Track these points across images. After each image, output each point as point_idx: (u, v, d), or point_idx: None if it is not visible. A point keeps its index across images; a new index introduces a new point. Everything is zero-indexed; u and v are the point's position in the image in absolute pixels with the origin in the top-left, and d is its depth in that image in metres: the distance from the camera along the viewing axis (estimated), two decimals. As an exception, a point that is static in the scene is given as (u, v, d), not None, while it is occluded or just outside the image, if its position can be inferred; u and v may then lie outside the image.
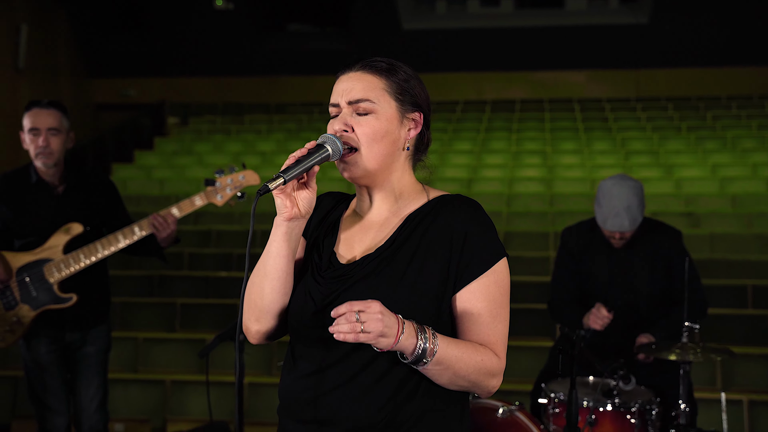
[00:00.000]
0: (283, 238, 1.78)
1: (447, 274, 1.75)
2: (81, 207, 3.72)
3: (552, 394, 3.44)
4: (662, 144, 11.54)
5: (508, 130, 12.72)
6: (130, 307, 6.76)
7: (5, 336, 3.60)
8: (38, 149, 3.62)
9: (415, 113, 1.85)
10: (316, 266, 1.83)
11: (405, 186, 1.86)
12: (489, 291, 1.76)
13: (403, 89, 1.84)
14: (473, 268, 1.75)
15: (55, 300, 3.59)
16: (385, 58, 1.88)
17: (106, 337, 3.83)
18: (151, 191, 10.47)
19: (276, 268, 1.78)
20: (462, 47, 14.71)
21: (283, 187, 1.73)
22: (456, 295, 1.76)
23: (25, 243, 3.65)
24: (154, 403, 5.47)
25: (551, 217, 8.90)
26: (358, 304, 1.59)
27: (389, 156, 1.80)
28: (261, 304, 1.81)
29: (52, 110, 3.66)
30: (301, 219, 1.78)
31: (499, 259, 1.77)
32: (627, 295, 3.78)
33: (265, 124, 13.71)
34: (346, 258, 1.82)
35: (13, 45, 12.67)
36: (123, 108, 15.28)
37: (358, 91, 1.80)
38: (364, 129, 1.77)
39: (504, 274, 1.78)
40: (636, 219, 3.67)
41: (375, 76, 1.83)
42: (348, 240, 1.86)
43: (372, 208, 1.87)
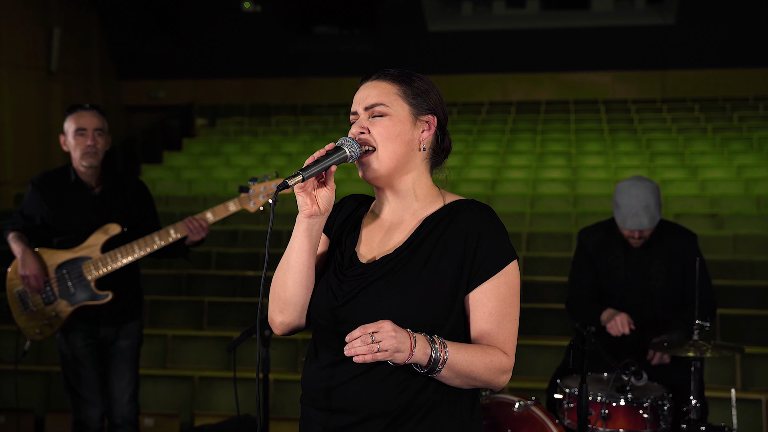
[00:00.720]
0: (305, 234, 1.92)
1: (460, 275, 1.87)
2: (116, 208, 3.89)
3: (567, 389, 3.53)
4: (687, 145, 11.52)
5: (533, 131, 12.75)
6: (160, 306, 6.93)
7: (43, 329, 3.79)
8: (86, 149, 3.79)
9: (429, 116, 1.97)
10: (338, 264, 1.97)
11: (422, 188, 1.98)
12: (500, 291, 1.88)
13: (416, 94, 1.97)
14: (485, 270, 1.87)
15: (92, 297, 3.77)
16: (401, 69, 2.02)
17: (138, 333, 4.01)
18: (179, 192, 10.65)
19: (298, 262, 1.93)
20: (487, 49, 14.76)
21: (304, 186, 1.88)
22: (468, 295, 1.88)
23: (63, 240, 3.83)
24: (183, 398, 5.62)
25: (575, 218, 8.94)
26: (371, 326, 1.73)
27: (404, 156, 1.93)
28: (284, 296, 1.95)
29: (95, 112, 3.85)
30: (320, 216, 1.92)
31: (510, 261, 1.89)
32: (643, 294, 3.87)
33: (291, 125, 13.85)
34: (366, 257, 1.96)
35: (45, 48, 12.92)
36: (152, 110, 15.52)
37: (373, 97, 1.95)
38: (379, 129, 1.92)
39: (514, 276, 1.90)
40: (655, 217, 3.75)
41: (389, 83, 1.97)
42: (368, 240, 1.99)
43: (391, 209, 1.99)
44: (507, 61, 14.83)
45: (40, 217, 3.88)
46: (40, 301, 3.78)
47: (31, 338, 3.83)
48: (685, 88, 14.44)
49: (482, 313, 1.88)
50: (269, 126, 13.92)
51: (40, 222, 3.88)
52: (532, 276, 7.44)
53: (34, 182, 3.92)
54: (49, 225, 3.87)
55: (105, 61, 15.09)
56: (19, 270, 3.72)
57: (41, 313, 3.77)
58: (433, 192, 2.00)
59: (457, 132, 12.81)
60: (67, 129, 3.84)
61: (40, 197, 3.87)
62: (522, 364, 5.80)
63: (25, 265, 3.70)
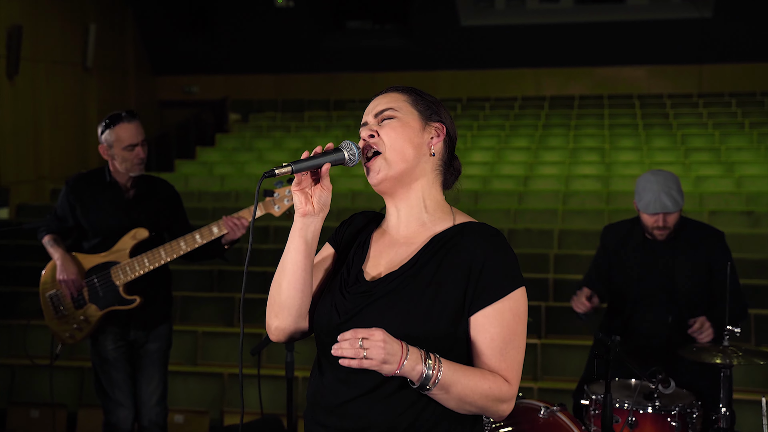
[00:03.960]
0: (299, 234, 1.90)
1: (464, 298, 1.82)
2: (148, 213, 3.93)
3: (594, 396, 3.49)
4: (724, 141, 11.34)
5: (566, 126, 12.63)
6: (191, 302, 6.99)
7: (74, 333, 3.84)
8: (137, 161, 3.82)
9: (438, 124, 1.96)
10: (343, 281, 1.94)
11: (432, 200, 1.95)
12: (503, 317, 1.82)
13: (425, 104, 1.97)
14: (489, 293, 1.82)
15: (121, 301, 3.81)
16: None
17: (167, 336, 4.05)
18: (212, 187, 10.72)
19: (293, 263, 1.90)
20: (521, 43, 14.64)
21: (300, 183, 1.88)
22: (471, 319, 1.83)
23: (94, 245, 3.88)
24: (213, 395, 5.66)
25: (608, 215, 8.85)
26: (363, 331, 1.70)
27: (413, 158, 1.91)
28: (279, 300, 1.93)
29: (137, 121, 3.86)
30: (315, 216, 1.91)
31: (517, 287, 1.84)
32: (665, 294, 3.81)
33: (324, 120, 13.87)
34: (371, 275, 1.93)
35: (81, 44, 13.06)
36: (186, 105, 15.63)
37: (382, 105, 1.96)
38: (386, 130, 1.91)
39: (521, 303, 1.84)
40: (677, 201, 3.70)
41: (398, 93, 1.99)
42: (375, 257, 1.96)
43: (399, 222, 1.96)
44: (540, 55, 14.70)
45: (72, 219, 3.92)
46: (70, 305, 3.83)
47: (62, 341, 3.89)
48: (722, 83, 14.22)
49: (484, 339, 1.83)
50: (302, 121, 13.95)
51: (72, 223, 3.93)
52: (564, 274, 7.38)
53: (69, 183, 3.97)
54: (81, 227, 3.91)
55: (140, 56, 15.23)
56: (58, 275, 3.78)
57: (72, 317, 3.83)
58: (443, 208, 1.97)
59: (489, 127, 12.74)
60: (110, 141, 3.83)
61: (74, 198, 3.91)
62: (551, 365, 5.77)
63: (65, 270, 3.75)
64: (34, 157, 11.82)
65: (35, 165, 11.82)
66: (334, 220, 8.62)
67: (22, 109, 11.51)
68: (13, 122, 11.31)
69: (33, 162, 11.79)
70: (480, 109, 13.90)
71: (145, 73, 15.43)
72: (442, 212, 1.96)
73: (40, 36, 11.93)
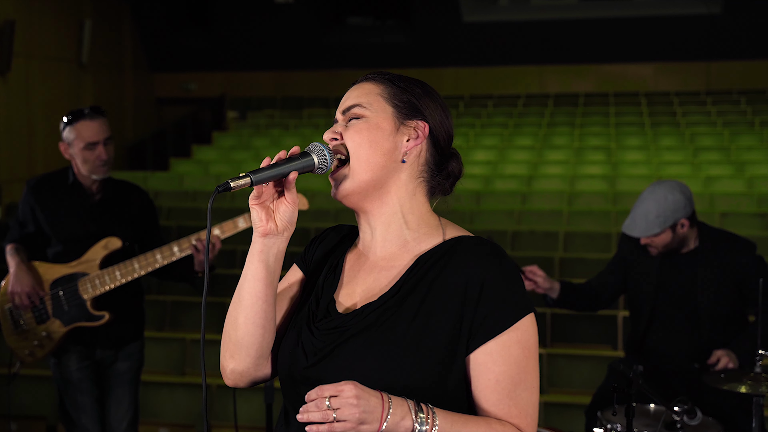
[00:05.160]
0: (259, 257, 1.57)
1: (459, 331, 1.49)
2: (116, 218, 3.60)
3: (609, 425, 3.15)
4: (734, 140, 11.06)
5: (571, 125, 12.37)
6: (180, 307, 6.70)
7: (34, 350, 3.51)
8: (99, 162, 3.49)
9: (418, 122, 1.61)
10: (312, 313, 1.61)
11: (414, 214, 1.61)
12: (510, 353, 1.49)
13: (405, 97, 1.62)
14: (491, 325, 1.48)
15: (87, 317, 3.48)
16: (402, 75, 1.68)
17: (138, 354, 3.71)
18: (207, 187, 10.46)
19: (251, 293, 1.57)
20: (524, 40, 14.38)
21: (258, 196, 1.54)
22: (470, 357, 1.50)
23: (57, 253, 3.56)
24: (200, 407, 5.38)
25: (615, 216, 8.57)
26: (329, 388, 1.40)
27: (382, 167, 1.57)
28: (235, 337, 1.60)
29: (101, 118, 3.51)
30: (277, 236, 1.57)
31: (524, 314, 1.51)
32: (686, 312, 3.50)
33: (323, 118, 13.62)
34: (345, 305, 1.60)
35: (77, 40, 12.83)
36: (184, 102, 15.39)
37: (352, 99, 1.63)
38: (351, 134, 1.58)
39: (530, 333, 1.51)
40: (650, 227, 3.39)
41: (374, 83, 1.64)
42: (350, 283, 1.63)
43: (375, 240, 1.63)
44: (545, 52, 14.43)
45: (33, 224, 3.60)
46: (32, 320, 3.49)
47: (21, 359, 3.55)
48: (730, 80, 13.94)
49: (487, 381, 1.49)
50: (300, 119, 13.70)
51: (33, 229, 3.61)
52: (570, 278, 7.09)
53: (30, 184, 3.64)
54: (44, 233, 3.60)
55: (137, 53, 14.98)
56: (9, 286, 3.44)
57: (33, 333, 3.49)
58: (430, 221, 1.63)
59: (492, 126, 12.48)
60: (70, 139, 3.50)
61: (34, 201, 3.58)
62: (558, 377, 5.48)
63: (17, 281, 3.42)
64: (27, 156, 11.60)
65: (28, 163, 11.59)
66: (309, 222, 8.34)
67: (14, 107, 11.30)
68: (6, 120, 11.10)
69: (26, 160, 11.57)
70: (483, 107, 13.64)
71: (142, 70, 15.17)
72: (428, 226, 1.62)
73: (33, 31, 11.70)
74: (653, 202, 3.41)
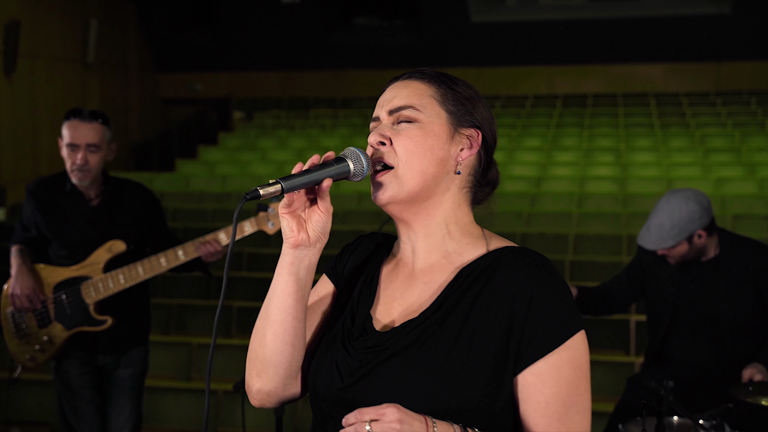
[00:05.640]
0: (289, 270, 1.46)
1: (506, 350, 1.38)
2: (117, 222, 3.50)
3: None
4: (744, 141, 10.94)
5: (580, 126, 12.27)
6: (186, 310, 6.62)
7: (35, 355, 3.42)
8: (74, 166, 3.38)
9: (472, 130, 1.51)
10: (347, 330, 1.50)
11: (458, 225, 1.51)
12: (561, 373, 1.38)
13: (459, 100, 1.51)
14: (539, 343, 1.38)
15: (90, 322, 3.39)
16: (442, 71, 1.56)
17: (142, 361, 3.61)
18: (213, 188, 10.39)
19: (280, 309, 1.47)
20: (533, 40, 14.27)
21: (289, 204, 1.43)
22: (517, 377, 1.39)
23: (60, 257, 3.47)
24: (206, 413, 5.29)
25: (625, 218, 8.47)
26: (369, 411, 1.30)
27: (434, 178, 1.46)
28: (262, 355, 1.50)
29: (94, 123, 3.39)
30: (309, 248, 1.46)
31: (575, 331, 1.39)
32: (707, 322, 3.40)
33: (330, 119, 13.54)
34: (383, 322, 1.49)
35: (82, 40, 12.77)
36: (190, 102, 15.32)
37: (401, 98, 1.50)
38: (403, 140, 1.46)
39: (581, 352, 1.40)
40: (664, 240, 3.29)
41: (424, 83, 1.52)
42: (387, 298, 1.52)
43: (416, 252, 1.52)
44: (553, 52, 14.33)
45: (36, 228, 3.51)
46: (33, 324, 3.41)
47: (21, 364, 3.46)
48: (741, 81, 13.82)
49: (536, 403, 1.38)
50: (307, 119, 13.62)
51: (36, 234, 3.52)
52: (580, 281, 6.99)
53: (29, 188, 3.54)
54: (46, 237, 3.51)
55: (143, 53, 14.91)
56: (10, 288, 3.36)
57: (34, 337, 3.40)
58: (473, 232, 1.52)
59: (501, 126, 12.36)
60: (62, 136, 3.43)
61: (34, 205, 3.49)
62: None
63: (18, 283, 3.33)
64: (32, 156, 11.53)
65: (33, 164, 11.53)
66: (337, 224, 8.24)
67: (20, 107, 11.23)
68: (11, 120, 11.04)
69: (31, 161, 11.50)
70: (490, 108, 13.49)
71: (148, 70, 15.10)
72: (471, 237, 1.51)
73: (39, 31, 11.64)
74: (667, 214, 3.31)
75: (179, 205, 9.62)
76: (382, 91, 1.57)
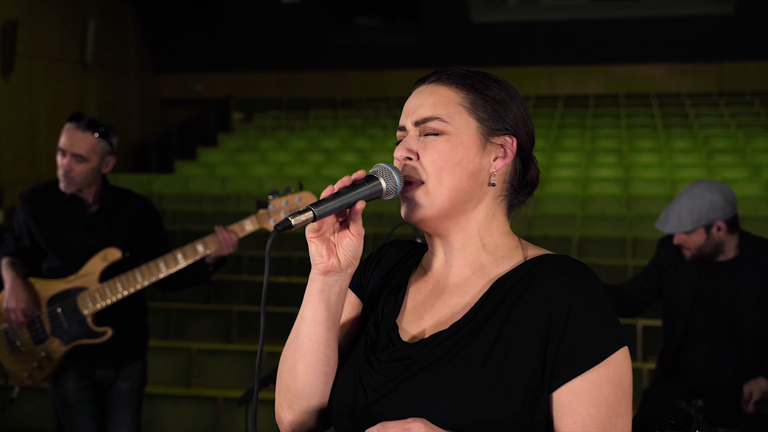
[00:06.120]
0: (319, 297, 1.37)
1: (543, 365, 1.28)
2: (116, 229, 3.39)
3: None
4: (748, 142, 10.86)
5: (582, 126, 12.18)
6: (186, 315, 6.52)
7: (33, 372, 3.30)
8: (60, 170, 3.28)
9: (505, 137, 1.42)
10: (371, 342, 1.41)
11: (493, 237, 1.42)
12: (600, 392, 1.27)
13: (489, 106, 1.42)
14: (578, 359, 1.28)
15: (89, 334, 3.27)
16: (471, 69, 1.45)
17: (141, 374, 3.50)
18: (213, 190, 10.30)
19: (311, 339, 1.38)
20: (534, 40, 14.19)
21: (317, 229, 1.34)
22: (553, 395, 1.29)
23: (54, 268, 3.36)
24: (207, 421, 5.20)
25: (629, 220, 8.38)
26: (395, 426, 1.21)
27: (466, 192, 1.38)
28: (294, 387, 1.40)
29: (87, 134, 3.25)
30: (340, 273, 1.37)
31: (617, 347, 1.29)
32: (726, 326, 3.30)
33: (330, 119, 13.45)
34: (411, 333, 1.40)
35: (80, 40, 12.68)
36: (189, 103, 15.23)
37: (427, 108, 1.40)
38: (432, 155, 1.37)
39: (623, 370, 1.30)
40: (681, 224, 3.22)
41: (451, 88, 1.42)
42: (416, 308, 1.43)
43: (448, 265, 1.43)
44: (554, 53, 14.25)
45: (29, 238, 3.39)
46: (29, 340, 3.28)
47: (19, 383, 3.34)
48: (743, 81, 13.75)
49: (573, 425, 1.28)
50: (307, 120, 13.53)
51: (29, 243, 3.39)
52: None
53: (24, 195, 3.42)
54: (40, 247, 3.39)
55: (141, 53, 14.82)
56: (5, 303, 3.22)
57: (30, 354, 3.28)
58: (509, 243, 1.43)
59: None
60: None
61: (28, 213, 3.37)
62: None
63: (13, 297, 3.20)
64: (30, 158, 11.45)
65: (31, 166, 11.45)
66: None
67: (17, 108, 11.16)
68: (9, 121, 10.96)
69: (29, 163, 11.43)
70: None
71: (147, 71, 15.01)
72: (508, 248, 1.42)
73: (36, 32, 11.56)
74: (688, 199, 3.25)
75: (178, 207, 9.54)
76: (408, 93, 1.47)
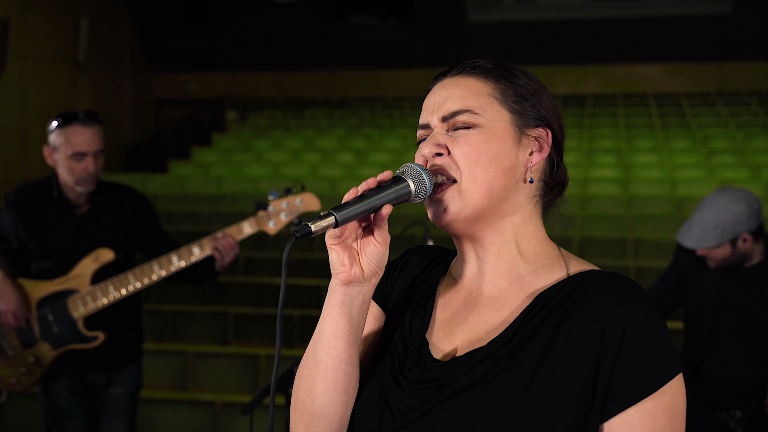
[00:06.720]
0: (340, 310, 1.23)
1: (592, 393, 1.17)
2: (108, 229, 3.27)
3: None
4: (747, 142, 10.79)
5: (580, 126, 12.10)
6: (182, 317, 6.40)
7: (22, 378, 3.18)
8: (84, 174, 3.15)
9: (540, 129, 1.30)
10: (398, 359, 1.28)
11: (530, 242, 1.29)
12: (655, 423, 1.16)
13: (522, 96, 1.29)
14: (632, 388, 1.16)
15: (79, 338, 3.15)
16: (497, 60, 1.32)
17: (135, 378, 3.38)
18: (207, 190, 10.18)
19: (331, 355, 1.24)
20: (531, 40, 14.11)
21: (339, 235, 1.20)
22: (603, 425, 1.18)
23: (44, 270, 3.23)
24: (203, 426, 5.08)
25: (629, 221, 8.29)
26: None
27: (502, 190, 1.25)
28: (311, 407, 1.27)
29: (95, 126, 3.16)
30: (363, 283, 1.24)
31: (673, 375, 1.17)
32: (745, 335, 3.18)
33: (325, 119, 13.35)
34: (443, 350, 1.27)
35: (73, 39, 12.54)
36: (183, 103, 15.10)
37: (454, 101, 1.27)
38: (463, 148, 1.25)
39: (679, 399, 1.18)
40: (705, 239, 3.08)
41: (479, 79, 1.30)
42: (447, 322, 1.30)
43: (482, 273, 1.30)
44: (552, 52, 14.16)
45: (16, 240, 3.26)
46: (17, 344, 3.16)
47: (7, 389, 3.22)
48: (741, 81, 13.69)
49: None
50: (302, 120, 13.42)
51: (17, 245, 3.27)
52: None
53: (10, 198, 3.29)
54: (28, 248, 3.26)
55: (135, 52, 14.68)
56: None
57: (18, 359, 3.15)
58: (548, 251, 1.30)
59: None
60: (56, 143, 3.17)
61: (15, 215, 3.24)
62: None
63: (3, 299, 3.07)
64: (22, 158, 11.31)
65: (23, 165, 11.30)
66: None
67: (9, 107, 11.02)
68: (0, 120, 10.79)
69: (21, 163, 11.28)
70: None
71: (140, 70, 14.86)
72: (547, 257, 1.29)
73: (29, 30, 11.41)
74: (713, 211, 3.10)
75: (173, 208, 9.41)
76: (426, 91, 1.34)
